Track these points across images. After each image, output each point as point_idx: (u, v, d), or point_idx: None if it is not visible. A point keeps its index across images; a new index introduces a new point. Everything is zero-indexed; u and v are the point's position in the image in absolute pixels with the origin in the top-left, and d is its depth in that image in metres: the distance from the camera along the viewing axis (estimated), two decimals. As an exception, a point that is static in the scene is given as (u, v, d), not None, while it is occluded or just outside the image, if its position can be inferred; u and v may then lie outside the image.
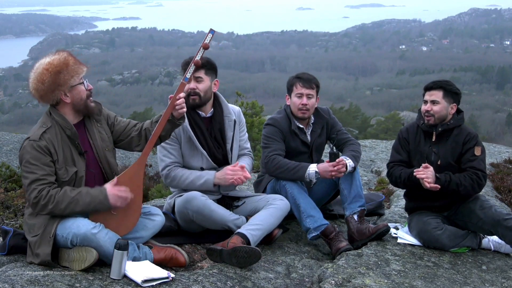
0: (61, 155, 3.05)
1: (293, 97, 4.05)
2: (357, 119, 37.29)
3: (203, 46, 3.17)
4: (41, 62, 3.07)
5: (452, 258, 3.65)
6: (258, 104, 11.52)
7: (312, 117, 4.14)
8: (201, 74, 3.71)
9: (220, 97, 3.90)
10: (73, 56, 3.13)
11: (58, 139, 3.06)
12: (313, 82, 4.03)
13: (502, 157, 7.97)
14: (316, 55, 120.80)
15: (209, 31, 3.21)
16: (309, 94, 4.00)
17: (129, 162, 10.44)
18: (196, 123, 3.77)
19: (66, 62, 3.05)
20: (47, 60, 3.06)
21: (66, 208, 2.97)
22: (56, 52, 3.12)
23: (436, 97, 3.76)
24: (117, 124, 3.35)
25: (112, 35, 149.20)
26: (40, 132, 3.04)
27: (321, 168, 3.79)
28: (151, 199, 6.38)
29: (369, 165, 7.25)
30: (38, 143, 2.99)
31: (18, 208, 5.59)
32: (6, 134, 11.39)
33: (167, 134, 3.31)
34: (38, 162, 2.97)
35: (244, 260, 3.28)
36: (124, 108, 58.51)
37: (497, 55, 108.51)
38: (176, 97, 3.17)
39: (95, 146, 3.21)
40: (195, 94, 3.71)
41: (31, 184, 2.96)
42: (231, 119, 3.87)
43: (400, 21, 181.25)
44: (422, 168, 3.64)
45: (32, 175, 2.96)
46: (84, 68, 3.13)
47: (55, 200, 2.94)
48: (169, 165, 3.73)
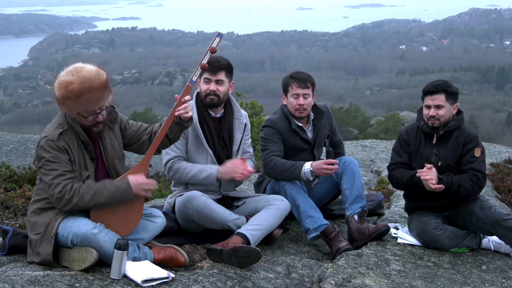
0: (76, 158, 3.07)
1: (289, 98, 4.05)
2: (357, 119, 37.29)
3: (210, 50, 3.16)
4: (68, 79, 2.91)
5: (452, 258, 3.65)
6: (258, 104, 11.52)
7: (311, 114, 4.14)
8: (222, 76, 3.74)
9: (231, 99, 3.93)
10: (107, 81, 3.00)
11: (74, 142, 3.07)
12: (308, 81, 4.02)
13: (502, 157, 7.98)
14: (316, 55, 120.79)
15: (216, 34, 3.20)
16: (305, 94, 4.00)
17: (129, 162, 10.43)
18: (205, 122, 3.79)
19: (88, 89, 2.90)
20: (84, 74, 2.92)
21: (92, 200, 2.98)
22: (99, 69, 2.99)
23: (439, 101, 3.74)
24: (129, 128, 3.35)
25: (112, 35, 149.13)
26: (58, 132, 3.03)
27: (315, 165, 3.79)
28: (151, 199, 6.37)
29: (369, 165, 7.26)
30: (56, 143, 2.99)
31: (18, 208, 5.58)
32: (6, 134, 11.39)
33: (175, 136, 3.30)
34: (59, 160, 2.98)
35: (244, 260, 3.28)
36: (124, 108, 58.40)
37: (497, 55, 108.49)
38: (181, 100, 3.17)
39: (105, 154, 3.21)
40: (215, 95, 3.73)
41: (54, 180, 2.96)
42: (241, 122, 3.90)
43: (400, 21, 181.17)
44: (426, 169, 3.63)
45: (54, 171, 2.97)
46: (102, 102, 2.99)
47: (79, 193, 2.95)
48: (172, 158, 3.75)
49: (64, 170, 2.98)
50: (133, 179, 3.07)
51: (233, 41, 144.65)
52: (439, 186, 3.60)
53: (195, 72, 3.20)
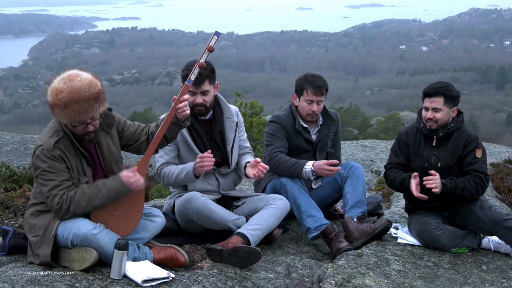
0: (74, 165, 3.06)
1: (302, 101, 4.04)
2: (357, 119, 37.28)
3: (208, 49, 3.15)
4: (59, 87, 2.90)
5: (452, 258, 3.65)
6: (258, 104, 11.51)
7: (320, 117, 4.14)
8: (207, 86, 3.68)
9: (220, 99, 3.88)
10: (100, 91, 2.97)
11: (70, 149, 3.06)
12: (324, 88, 4.02)
13: (502, 157, 7.98)
14: (316, 55, 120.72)
15: (214, 33, 3.17)
16: (319, 100, 4.01)
17: (129, 162, 10.43)
18: (193, 126, 3.75)
19: (78, 99, 2.88)
20: (64, 86, 2.90)
21: (88, 205, 2.99)
22: (92, 80, 2.96)
23: (437, 104, 3.74)
24: (126, 130, 3.35)
25: (112, 35, 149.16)
26: (53, 141, 3.01)
27: (316, 165, 3.79)
28: (151, 199, 6.38)
29: (369, 165, 7.26)
30: (51, 153, 2.98)
31: (18, 208, 5.59)
32: (6, 134, 11.39)
33: (173, 136, 3.30)
34: (55, 169, 2.98)
35: (244, 260, 3.28)
36: (124, 108, 58.42)
37: (497, 55, 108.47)
38: (180, 99, 3.17)
39: (102, 158, 3.21)
40: (202, 106, 3.70)
41: (51, 191, 2.97)
42: (233, 121, 3.87)
43: (400, 21, 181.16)
44: (432, 177, 3.62)
45: (51, 182, 2.97)
46: (95, 112, 2.96)
47: (75, 200, 2.96)
48: (161, 165, 3.75)
49: (61, 180, 2.98)
50: (125, 178, 3.05)
51: (233, 41, 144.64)
52: (422, 195, 3.64)
53: (193, 71, 3.19)
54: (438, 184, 3.61)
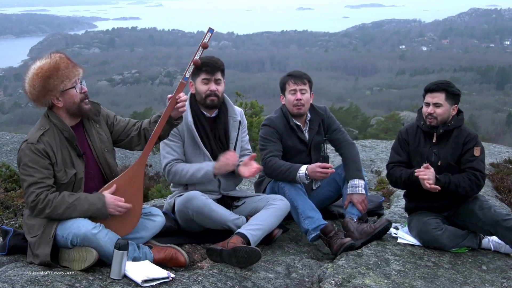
0: (59, 158, 3.05)
1: (287, 95, 4.05)
2: (357, 119, 37.32)
3: (202, 46, 3.16)
4: (33, 66, 3.05)
5: (452, 258, 3.65)
6: (258, 104, 11.51)
7: (308, 114, 4.14)
8: (220, 76, 3.74)
9: (225, 98, 3.91)
10: (67, 58, 3.08)
11: (57, 141, 3.06)
12: (305, 77, 4.04)
13: (502, 157, 7.97)
14: (316, 55, 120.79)
15: (208, 30, 3.19)
16: (302, 89, 4.01)
17: (129, 162, 10.43)
18: (200, 123, 3.77)
19: (56, 67, 3.00)
20: (38, 64, 3.03)
21: (64, 213, 2.98)
22: (50, 54, 3.08)
23: (438, 100, 3.75)
24: (116, 124, 3.35)
25: (112, 35, 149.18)
26: (38, 134, 3.02)
27: (310, 169, 3.79)
28: (151, 199, 6.37)
29: (369, 165, 7.26)
30: (36, 146, 2.98)
31: (18, 208, 5.59)
32: (6, 134, 11.41)
33: (165, 134, 3.32)
34: (36, 165, 2.97)
35: (244, 260, 3.27)
36: (124, 108, 58.42)
37: (497, 55, 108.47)
38: (175, 97, 3.17)
39: (94, 147, 3.20)
40: (215, 96, 3.72)
41: (29, 187, 2.96)
42: (236, 120, 3.88)
43: (400, 21, 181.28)
44: (423, 168, 3.64)
45: (30, 178, 2.96)
46: (78, 71, 3.08)
47: (52, 205, 2.95)
48: (170, 161, 3.74)
49: (40, 178, 2.97)
50: (110, 199, 3.06)
51: (233, 41, 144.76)
52: (435, 186, 3.60)
53: (188, 68, 3.20)
54: (431, 176, 3.61)
